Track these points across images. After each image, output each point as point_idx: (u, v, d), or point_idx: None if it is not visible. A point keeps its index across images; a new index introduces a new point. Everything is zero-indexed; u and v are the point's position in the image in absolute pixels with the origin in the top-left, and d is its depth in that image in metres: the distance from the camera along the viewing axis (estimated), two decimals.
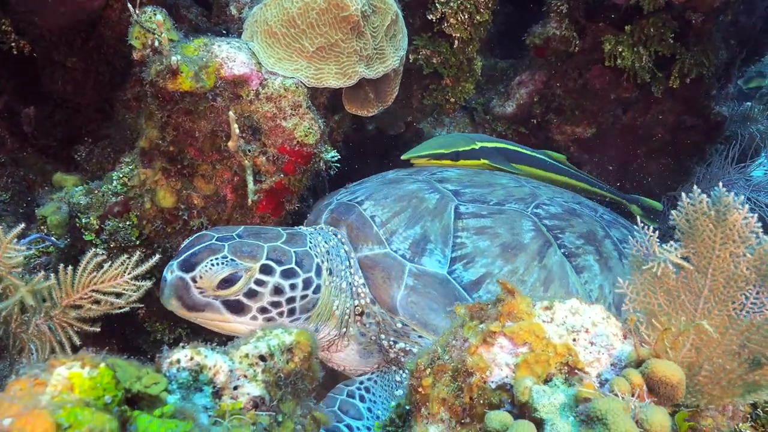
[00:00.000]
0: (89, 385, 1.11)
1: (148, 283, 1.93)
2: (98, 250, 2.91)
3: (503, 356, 1.61)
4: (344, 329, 2.75)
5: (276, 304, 2.47)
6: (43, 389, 1.11)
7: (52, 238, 3.23)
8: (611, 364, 1.61)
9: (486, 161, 3.57)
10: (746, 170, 4.35)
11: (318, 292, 2.58)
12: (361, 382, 2.58)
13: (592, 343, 1.63)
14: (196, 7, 3.99)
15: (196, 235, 2.55)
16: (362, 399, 2.51)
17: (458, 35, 3.70)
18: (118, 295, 2.04)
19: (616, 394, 1.46)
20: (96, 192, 3.00)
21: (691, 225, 1.57)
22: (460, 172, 3.34)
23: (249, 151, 2.76)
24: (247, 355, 1.39)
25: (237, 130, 2.55)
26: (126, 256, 1.96)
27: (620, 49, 3.83)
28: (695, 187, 1.54)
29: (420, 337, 2.60)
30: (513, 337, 1.62)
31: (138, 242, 2.97)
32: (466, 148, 3.51)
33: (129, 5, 2.57)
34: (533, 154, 3.82)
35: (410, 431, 1.75)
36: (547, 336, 1.62)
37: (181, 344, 1.40)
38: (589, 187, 4.04)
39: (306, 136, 2.83)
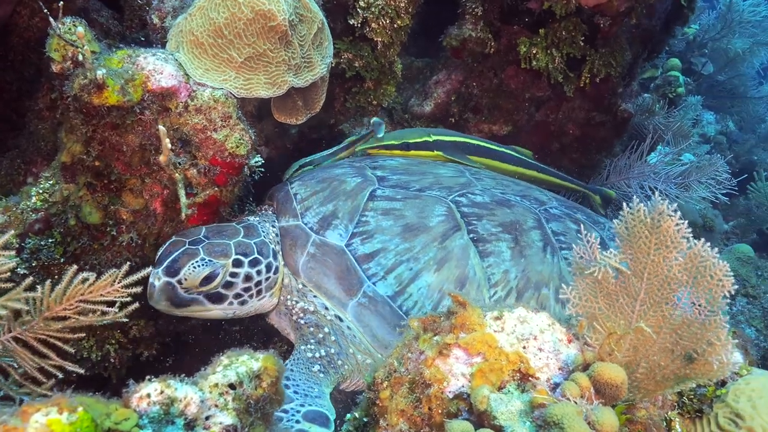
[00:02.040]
0: (69, 431, 1.09)
1: (138, 289, 1.98)
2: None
3: (459, 367, 1.68)
4: None
5: (247, 290, 2.87)
6: None
7: None
8: (559, 368, 1.70)
9: (440, 153, 3.68)
10: (653, 163, 4.60)
11: (277, 273, 2.99)
12: None
13: (540, 350, 1.71)
14: (107, 10, 3.85)
15: (169, 242, 2.82)
16: (286, 387, 2.70)
17: (380, 39, 3.75)
18: (109, 304, 2.03)
19: (568, 398, 1.54)
20: (14, 209, 2.87)
21: (630, 232, 1.68)
22: (404, 161, 3.52)
23: (180, 164, 2.72)
24: (216, 385, 1.40)
25: (169, 145, 2.51)
26: (114, 270, 1.98)
27: (535, 51, 3.97)
28: (626, 209, 1.64)
29: (315, 296, 2.98)
30: (467, 348, 1.68)
31: (63, 260, 2.87)
32: (418, 140, 3.65)
33: (50, 19, 2.48)
34: (498, 148, 3.95)
35: None
36: (500, 345, 1.69)
37: (147, 378, 1.39)
38: (554, 179, 4.28)
39: (237, 147, 2.81)
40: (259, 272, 2.88)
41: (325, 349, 2.89)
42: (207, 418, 1.35)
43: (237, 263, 2.81)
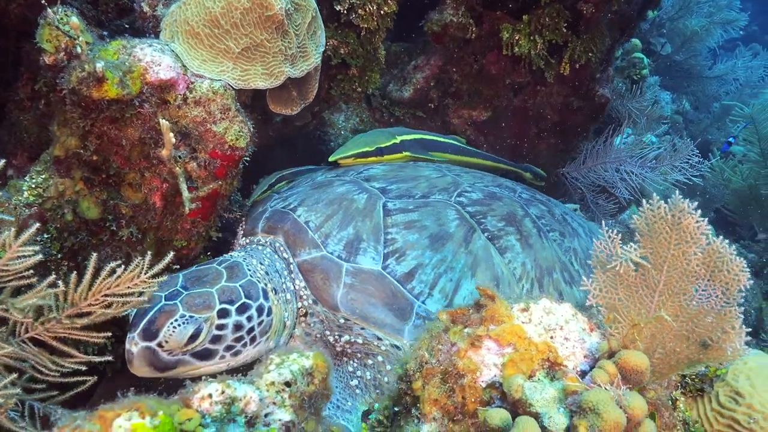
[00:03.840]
0: None
1: (165, 278, 1.99)
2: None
3: (491, 357, 1.73)
4: (290, 333, 2.89)
5: (239, 339, 2.60)
6: None
7: None
8: (584, 356, 1.77)
9: (408, 153, 3.71)
10: (624, 146, 4.71)
11: (270, 314, 2.72)
12: None
13: (566, 339, 1.78)
14: None
15: None
16: None
17: (366, 26, 3.74)
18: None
19: (598, 385, 1.61)
20: (6, 205, 2.81)
21: (650, 228, 1.75)
22: (385, 167, 3.48)
23: (180, 157, 2.69)
24: (273, 383, 1.43)
25: (173, 140, 2.48)
26: (140, 258, 1.98)
27: (517, 38, 4.01)
28: (646, 206, 1.71)
29: (362, 329, 2.77)
30: (498, 340, 1.73)
31: (60, 256, 2.82)
32: (388, 144, 3.66)
33: (48, 10, 2.41)
34: (445, 140, 4.02)
35: (399, 430, 1.83)
36: (528, 336, 1.75)
37: (204, 378, 1.40)
38: (491, 163, 4.41)
39: (237, 139, 2.79)
40: (249, 318, 2.62)
41: (372, 373, 2.75)
42: (266, 415, 1.37)
43: (223, 313, 2.55)
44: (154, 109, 2.66)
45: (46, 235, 2.81)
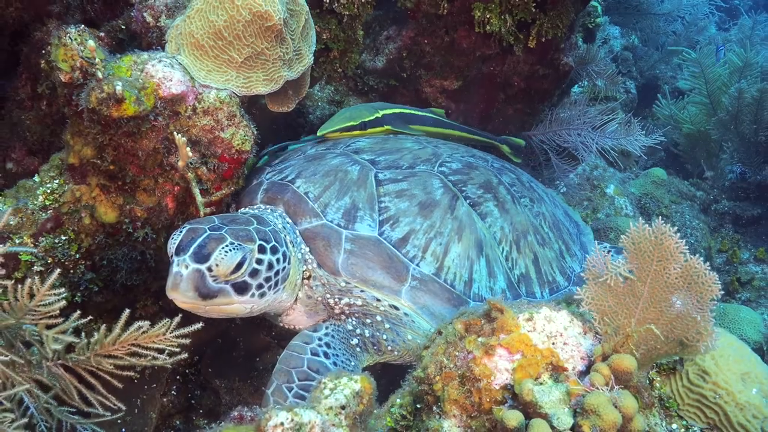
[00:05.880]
0: None
1: (187, 341, 2.18)
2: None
3: (503, 363, 2.05)
4: (296, 294, 3.09)
5: (268, 279, 2.76)
6: None
7: None
8: (581, 358, 2.10)
9: (389, 127, 3.95)
10: (594, 118, 5.01)
11: (290, 263, 2.90)
12: (320, 339, 2.88)
13: (566, 344, 2.10)
14: None
15: (186, 229, 2.67)
16: (326, 355, 2.81)
17: (347, 13, 3.90)
18: (159, 351, 2.22)
19: (597, 387, 1.93)
20: (25, 210, 2.97)
21: (636, 246, 2.06)
22: (370, 140, 3.73)
23: (191, 164, 2.88)
24: (331, 408, 1.72)
25: (189, 153, 2.67)
26: (167, 320, 2.17)
27: (488, 16, 4.21)
28: (632, 228, 2.03)
29: (362, 291, 3.00)
30: (509, 348, 2.05)
31: (78, 256, 3.01)
32: (371, 118, 3.89)
33: (67, 36, 2.54)
34: (423, 113, 4.27)
35: (422, 425, 2.15)
36: (534, 343, 2.07)
37: (273, 406, 1.68)
38: (468, 135, 4.64)
39: (243, 143, 2.99)
40: (278, 260, 2.78)
41: (370, 331, 2.96)
42: None
43: (261, 249, 2.70)
44: (167, 121, 2.83)
45: (63, 237, 2.99)
